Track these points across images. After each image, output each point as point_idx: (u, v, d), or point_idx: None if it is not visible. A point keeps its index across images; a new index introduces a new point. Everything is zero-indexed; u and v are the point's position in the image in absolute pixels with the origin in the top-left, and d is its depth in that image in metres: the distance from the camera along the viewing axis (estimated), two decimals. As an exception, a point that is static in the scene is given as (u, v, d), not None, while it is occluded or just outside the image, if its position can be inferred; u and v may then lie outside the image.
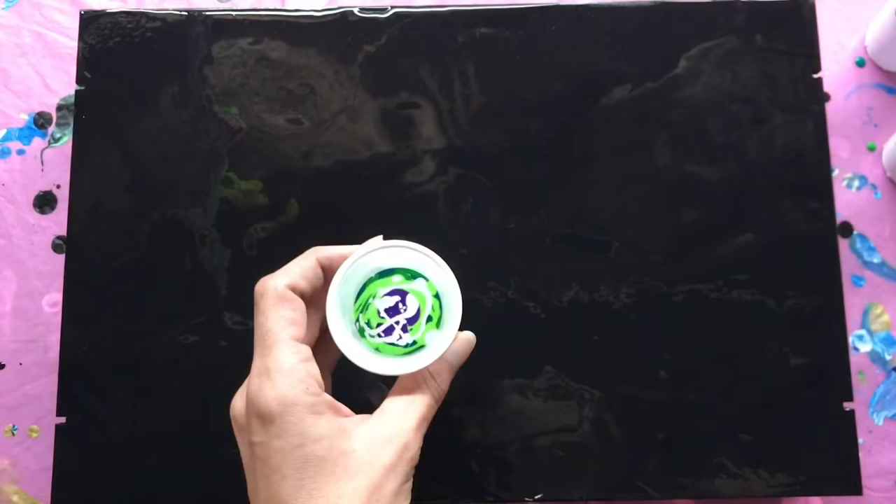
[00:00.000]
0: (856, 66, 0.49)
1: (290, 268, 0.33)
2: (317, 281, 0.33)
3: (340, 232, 0.44)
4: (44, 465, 0.44)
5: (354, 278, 0.34)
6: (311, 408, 0.30)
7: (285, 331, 0.31)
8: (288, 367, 0.30)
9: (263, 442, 0.30)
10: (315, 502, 0.29)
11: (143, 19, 0.45)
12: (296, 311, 0.31)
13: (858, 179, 0.48)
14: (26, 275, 0.46)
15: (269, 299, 0.31)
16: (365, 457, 0.30)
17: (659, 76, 0.45)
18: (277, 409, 0.29)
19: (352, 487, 0.29)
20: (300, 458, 0.29)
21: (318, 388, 0.30)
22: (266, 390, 0.30)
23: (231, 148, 0.44)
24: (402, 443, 0.31)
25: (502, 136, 0.45)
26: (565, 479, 0.42)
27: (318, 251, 0.33)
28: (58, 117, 0.48)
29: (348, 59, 0.45)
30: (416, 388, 0.32)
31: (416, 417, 0.31)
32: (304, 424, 0.29)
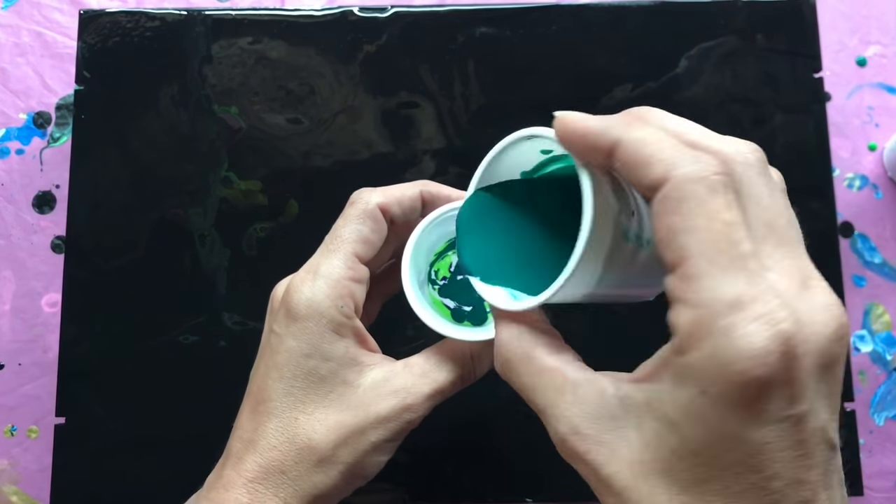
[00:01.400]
0: (857, 65, 0.49)
1: (391, 189, 0.31)
2: (412, 212, 0.32)
3: (340, 232, 0.44)
4: (43, 466, 0.44)
5: (447, 225, 0.32)
6: (337, 326, 0.29)
7: (353, 244, 0.30)
8: (335, 277, 0.29)
9: (281, 334, 0.29)
10: (294, 413, 0.29)
11: (142, 19, 0.45)
12: (374, 231, 0.31)
13: (859, 179, 0.48)
14: (25, 275, 0.46)
15: (356, 209, 0.31)
16: (364, 397, 0.29)
17: (659, 76, 0.45)
18: (305, 311, 0.29)
19: (335, 419, 0.29)
20: (303, 367, 0.29)
21: (352, 310, 0.30)
22: (304, 289, 0.29)
23: (231, 148, 0.44)
24: (407, 402, 0.29)
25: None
26: (565, 479, 0.41)
27: (426, 184, 0.32)
28: (57, 117, 0.48)
29: (348, 58, 0.45)
30: (452, 359, 0.31)
31: (434, 386, 0.30)
32: (321, 338, 0.29)
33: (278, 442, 0.29)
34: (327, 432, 0.29)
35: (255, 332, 0.43)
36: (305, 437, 0.28)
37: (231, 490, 0.28)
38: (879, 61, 0.49)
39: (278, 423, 0.29)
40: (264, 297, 0.43)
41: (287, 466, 0.28)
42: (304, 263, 0.43)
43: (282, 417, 0.29)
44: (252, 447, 0.29)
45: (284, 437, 0.29)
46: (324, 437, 0.28)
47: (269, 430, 0.29)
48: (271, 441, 0.29)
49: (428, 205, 0.32)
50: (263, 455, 0.28)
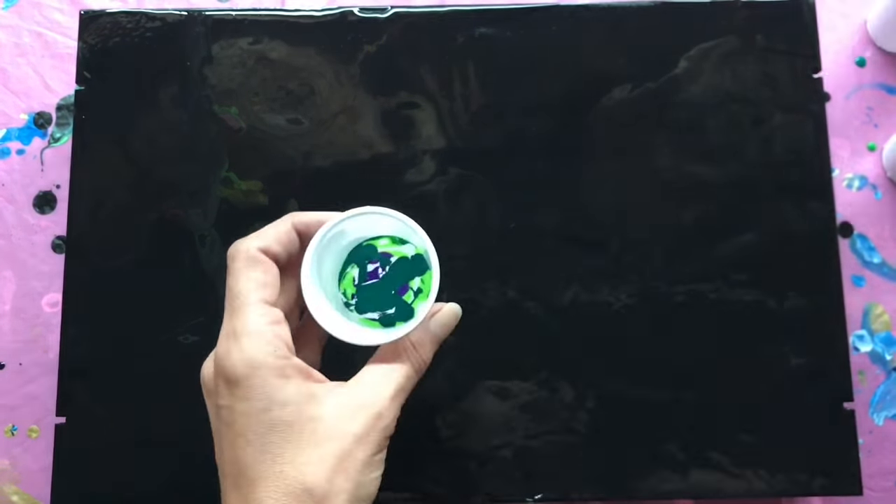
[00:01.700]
0: (856, 65, 0.49)
1: (264, 231, 0.32)
2: (291, 246, 0.32)
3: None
4: (43, 466, 0.44)
5: (335, 246, 0.33)
6: (279, 371, 0.29)
7: (254, 293, 0.30)
8: (255, 329, 0.29)
9: (229, 405, 0.29)
10: (279, 468, 0.28)
11: (142, 19, 0.45)
12: (267, 273, 0.31)
13: (859, 179, 0.48)
14: (26, 275, 0.46)
15: (240, 261, 0.31)
16: (335, 424, 0.29)
17: (659, 76, 0.45)
18: (243, 371, 0.29)
19: (318, 454, 0.28)
20: (265, 422, 0.28)
21: (286, 351, 0.30)
22: (232, 353, 0.29)
23: (231, 148, 0.44)
24: (375, 411, 0.30)
25: (502, 136, 0.45)
26: (565, 479, 0.41)
27: (294, 216, 0.33)
28: (57, 117, 0.48)
29: (348, 59, 0.45)
30: (396, 357, 0.31)
31: (392, 387, 0.30)
32: (270, 388, 0.29)
33: (275, 501, 0.28)
34: (316, 470, 0.28)
35: (255, 332, 0.43)
36: (298, 484, 0.28)
37: None
38: (879, 62, 0.49)
39: (267, 484, 0.28)
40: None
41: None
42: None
43: (267, 478, 0.28)
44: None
45: (279, 493, 0.28)
46: (315, 476, 0.28)
47: (260, 495, 0.28)
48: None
49: (303, 235, 0.33)
50: None
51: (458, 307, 0.35)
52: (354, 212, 0.32)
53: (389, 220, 0.32)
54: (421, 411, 0.40)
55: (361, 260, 0.34)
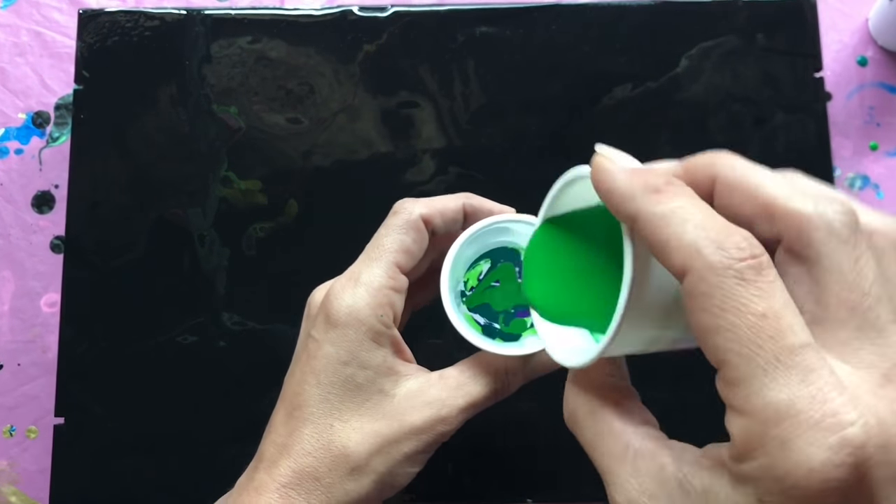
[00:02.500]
0: (857, 65, 0.49)
1: (434, 201, 0.32)
2: (454, 225, 0.32)
3: (340, 232, 0.44)
4: (42, 466, 0.44)
5: (485, 238, 0.33)
6: (375, 335, 0.29)
7: (395, 254, 0.30)
8: (376, 286, 0.29)
9: (319, 340, 0.29)
10: (331, 421, 0.29)
11: (141, 18, 0.45)
12: (416, 242, 0.31)
13: (860, 179, 0.48)
14: (24, 275, 0.46)
15: (399, 219, 0.31)
16: (399, 407, 0.29)
17: (659, 76, 0.45)
18: (345, 318, 0.29)
19: (371, 428, 0.29)
20: (340, 374, 0.29)
21: (391, 320, 0.30)
22: (345, 296, 0.29)
23: (230, 148, 0.44)
24: (441, 414, 0.29)
25: (502, 136, 0.45)
26: (565, 479, 0.41)
27: (469, 197, 0.33)
28: (56, 117, 0.48)
29: (348, 58, 0.45)
30: (486, 372, 0.31)
31: (468, 399, 0.30)
32: (360, 346, 0.29)
33: (313, 448, 0.28)
34: (362, 440, 0.28)
35: (254, 333, 0.43)
36: (340, 445, 0.28)
37: (263, 494, 0.28)
38: (880, 61, 0.49)
39: (314, 430, 0.29)
40: (264, 297, 0.43)
41: (321, 473, 0.28)
42: (303, 263, 0.44)
43: (317, 424, 0.29)
44: (286, 452, 0.29)
45: (320, 443, 0.28)
46: (358, 445, 0.28)
47: (304, 435, 0.29)
48: (306, 447, 0.28)
49: (469, 217, 0.32)
50: (298, 460, 0.28)
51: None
52: (526, 217, 0.32)
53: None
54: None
55: (499, 258, 0.33)
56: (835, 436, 0.17)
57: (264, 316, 0.43)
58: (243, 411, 0.41)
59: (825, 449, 0.17)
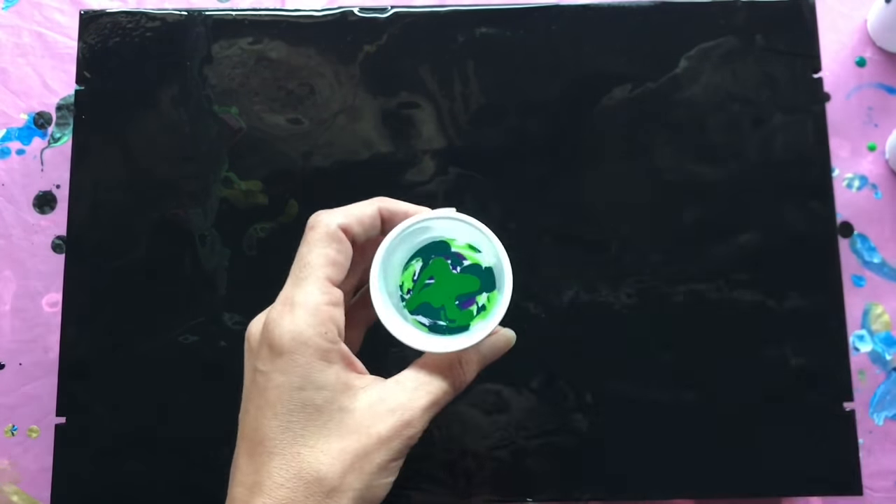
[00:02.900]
0: (856, 65, 0.49)
1: (350, 209, 0.31)
2: (373, 230, 0.32)
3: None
4: (43, 466, 0.44)
5: (412, 239, 0.32)
6: (324, 353, 0.29)
7: (323, 269, 0.30)
8: (313, 305, 0.29)
9: (267, 372, 0.29)
10: (297, 449, 0.28)
11: (142, 19, 0.45)
12: (340, 252, 0.30)
13: (859, 179, 0.48)
14: (26, 275, 0.46)
15: (318, 233, 0.30)
16: (363, 420, 0.29)
17: (659, 76, 0.45)
18: (289, 344, 0.28)
19: (338, 446, 0.28)
20: (297, 400, 0.28)
21: (336, 335, 0.29)
22: (284, 322, 0.29)
23: (231, 148, 0.44)
24: (405, 419, 0.29)
25: (502, 136, 0.45)
26: (565, 479, 0.41)
27: (382, 201, 0.32)
28: (57, 117, 0.48)
29: (348, 59, 0.45)
30: (440, 369, 0.31)
31: (428, 398, 0.30)
32: (310, 368, 0.28)
33: (285, 479, 0.28)
34: (333, 461, 0.28)
35: (255, 332, 0.43)
36: (312, 470, 0.28)
37: None
38: (879, 61, 0.49)
39: (281, 461, 0.28)
40: (265, 297, 0.43)
41: (298, 502, 0.28)
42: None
43: (284, 455, 0.28)
44: (258, 490, 0.28)
45: (290, 473, 0.28)
46: (330, 466, 0.28)
47: (272, 469, 0.28)
48: (277, 480, 0.28)
49: (387, 221, 0.32)
50: (272, 495, 0.28)
51: (512, 334, 0.34)
52: (445, 213, 0.32)
53: (474, 231, 0.31)
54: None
55: (429, 255, 0.33)
56: None
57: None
58: (244, 411, 0.41)
59: None
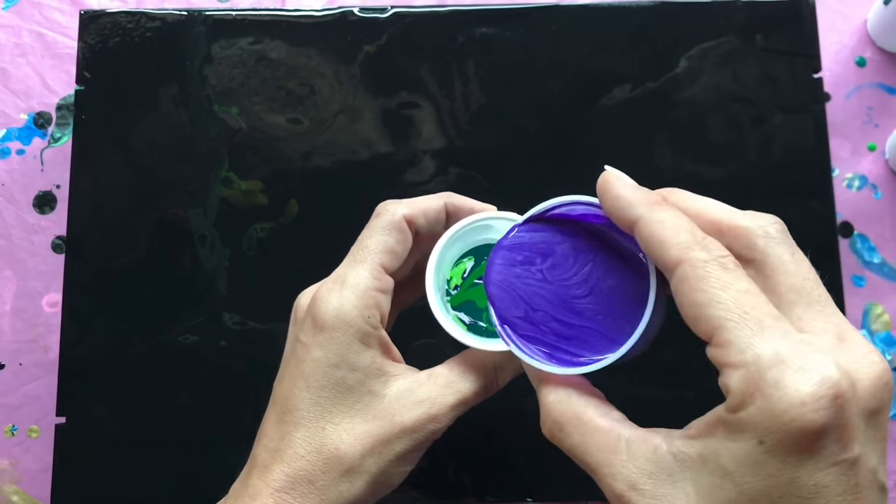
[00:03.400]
0: (856, 65, 0.49)
1: (417, 201, 0.32)
2: (437, 224, 0.32)
3: (340, 232, 0.44)
4: (44, 466, 0.44)
5: (468, 237, 0.33)
6: (363, 336, 0.29)
7: (379, 255, 0.30)
8: (363, 288, 0.30)
9: (307, 344, 0.29)
10: (323, 423, 0.29)
11: (142, 19, 0.45)
12: (400, 243, 0.31)
13: (859, 179, 0.48)
14: (26, 275, 0.46)
15: (383, 221, 0.31)
16: (390, 407, 0.29)
17: (659, 76, 0.45)
18: (332, 321, 0.29)
19: (362, 430, 0.29)
20: (331, 377, 0.29)
21: (378, 321, 0.30)
22: (332, 298, 0.29)
23: (231, 148, 0.44)
24: (432, 413, 0.30)
25: (502, 136, 0.45)
26: (565, 479, 0.41)
27: (449, 196, 0.33)
28: (57, 117, 0.48)
29: (348, 59, 0.45)
30: (475, 369, 0.31)
31: (457, 397, 0.30)
32: (348, 348, 0.29)
33: (306, 451, 0.29)
34: (354, 442, 0.29)
35: (255, 333, 0.43)
36: (333, 447, 0.29)
37: (258, 499, 0.28)
38: (879, 61, 0.49)
39: (306, 433, 0.29)
40: (265, 297, 0.43)
41: (314, 476, 0.28)
42: (303, 263, 0.44)
43: (309, 427, 0.29)
44: (279, 456, 0.29)
45: (312, 446, 0.29)
46: (351, 446, 0.29)
47: (296, 439, 0.29)
48: (298, 451, 0.29)
49: (451, 216, 0.33)
50: (291, 464, 0.28)
51: None
52: (508, 214, 0.32)
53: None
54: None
55: (483, 256, 0.33)
56: (817, 375, 0.21)
57: (265, 316, 0.43)
58: (244, 411, 0.41)
59: (812, 385, 0.21)
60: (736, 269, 0.23)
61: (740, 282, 0.23)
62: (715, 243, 0.24)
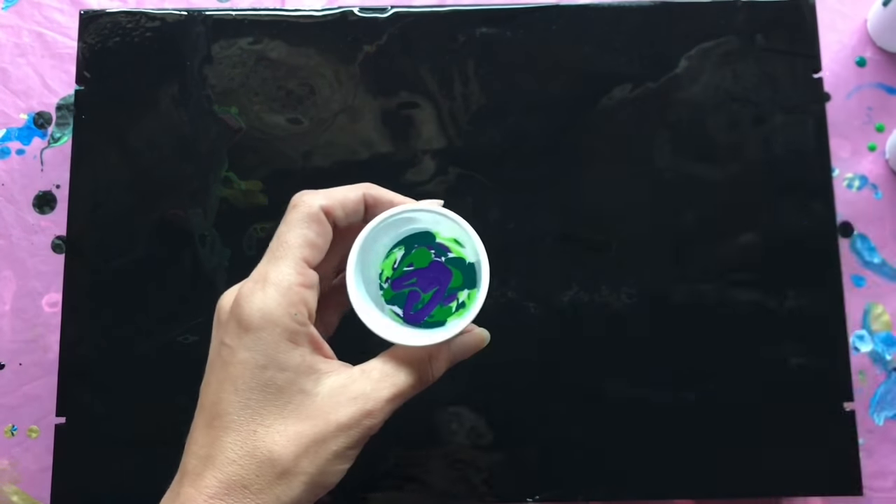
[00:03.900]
0: (856, 65, 0.49)
1: (333, 192, 0.31)
2: (355, 216, 0.31)
3: (340, 232, 0.44)
4: (43, 466, 0.44)
5: (393, 229, 0.32)
6: (291, 334, 0.28)
7: (300, 249, 0.29)
8: (286, 284, 0.29)
9: (233, 347, 0.28)
10: (254, 426, 0.28)
11: (142, 19, 0.45)
12: (320, 235, 0.30)
13: (859, 179, 0.48)
14: (26, 275, 0.46)
15: (299, 213, 0.30)
16: (323, 406, 0.29)
17: (659, 76, 0.45)
18: (258, 321, 0.28)
19: (295, 430, 0.28)
20: (259, 378, 0.28)
21: (306, 317, 0.29)
22: (255, 298, 0.28)
23: (231, 148, 0.44)
24: (367, 408, 0.29)
25: (502, 136, 0.45)
26: (565, 479, 0.41)
27: (368, 187, 0.32)
28: (57, 117, 0.48)
29: (348, 59, 0.45)
30: (408, 362, 0.30)
31: (393, 390, 0.30)
32: (276, 348, 0.28)
33: (238, 456, 0.28)
34: (288, 444, 0.28)
35: (255, 332, 0.43)
36: (266, 450, 0.28)
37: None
38: (879, 61, 0.49)
39: (236, 437, 0.28)
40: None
41: (249, 481, 0.28)
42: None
43: (240, 431, 0.28)
44: (210, 463, 0.28)
45: (244, 450, 0.28)
46: (284, 448, 0.28)
47: (226, 444, 0.28)
48: (230, 455, 0.28)
49: (371, 208, 0.32)
50: (223, 470, 0.28)
51: (486, 334, 0.33)
52: (430, 205, 0.31)
53: (456, 227, 0.31)
54: (421, 411, 0.40)
55: (413, 244, 0.33)
56: None
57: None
58: (244, 411, 0.41)
59: None
60: None
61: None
62: None
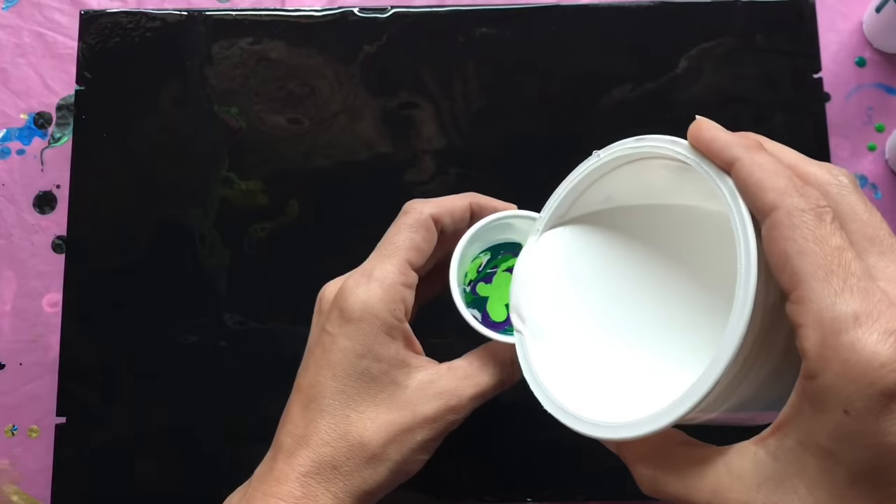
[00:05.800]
0: (856, 65, 0.49)
1: (443, 201, 0.33)
2: (462, 223, 0.33)
3: (340, 232, 0.44)
4: (44, 465, 0.44)
5: (489, 234, 0.34)
6: (388, 328, 0.30)
7: (406, 251, 0.31)
8: (389, 282, 0.31)
9: (334, 335, 0.30)
10: (348, 412, 0.30)
11: (143, 19, 0.45)
12: (426, 240, 0.32)
13: (859, 179, 0.48)
14: (26, 275, 0.46)
15: (410, 218, 0.32)
16: (412, 398, 0.30)
17: (659, 76, 0.45)
18: (359, 313, 0.30)
19: (385, 419, 0.30)
20: (356, 366, 0.30)
21: (403, 314, 0.31)
22: (359, 291, 0.30)
23: (231, 148, 0.44)
24: (451, 404, 0.31)
25: (502, 136, 0.45)
26: (565, 479, 0.41)
27: (473, 196, 0.34)
28: (58, 117, 0.48)
29: (348, 59, 0.45)
30: (493, 363, 0.32)
31: (476, 389, 0.31)
32: (374, 339, 0.30)
33: (331, 438, 0.30)
34: (378, 430, 0.30)
35: (255, 333, 0.43)
36: (357, 435, 0.30)
37: (284, 483, 0.29)
38: (879, 62, 0.49)
39: (331, 420, 0.30)
40: (265, 297, 0.43)
41: (339, 462, 0.29)
42: (304, 263, 0.44)
43: (334, 415, 0.30)
44: (304, 442, 0.30)
45: (337, 433, 0.30)
46: (374, 435, 0.30)
47: (321, 426, 0.30)
48: (324, 437, 0.30)
49: (475, 216, 0.34)
50: (316, 450, 0.29)
51: None
52: (528, 213, 0.33)
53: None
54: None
55: (499, 251, 0.35)
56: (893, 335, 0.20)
57: (265, 316, 0.43)
58: (244, 411, 0.41)
59: (889, 346, 0.20)
60: (832, 222, 0.22)
61: (834, 237, 0.22)
62: (814, 192, 0.23)
